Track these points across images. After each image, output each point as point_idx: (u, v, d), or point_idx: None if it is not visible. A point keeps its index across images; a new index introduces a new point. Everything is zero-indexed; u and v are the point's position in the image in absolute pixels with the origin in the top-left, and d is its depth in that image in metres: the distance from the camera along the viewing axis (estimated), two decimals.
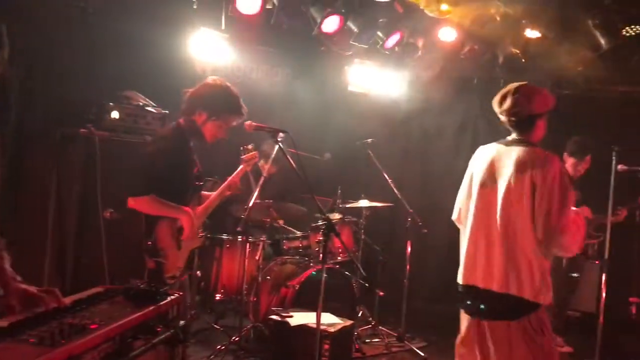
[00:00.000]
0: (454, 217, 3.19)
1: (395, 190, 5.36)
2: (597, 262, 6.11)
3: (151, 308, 2.25)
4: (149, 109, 4.36)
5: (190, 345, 4.70)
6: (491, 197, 2.91)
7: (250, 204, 4.42)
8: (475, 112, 6.37)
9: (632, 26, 5.39)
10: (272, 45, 6.04)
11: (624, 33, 5.43)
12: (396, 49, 5.92)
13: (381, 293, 5.47)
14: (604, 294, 4.48)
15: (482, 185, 2.96)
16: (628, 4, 5.27)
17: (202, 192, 3.68)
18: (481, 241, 2.92)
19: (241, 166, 3.87)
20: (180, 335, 2.38)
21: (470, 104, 6.57)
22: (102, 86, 4.39)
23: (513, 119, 2.93)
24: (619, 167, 4.60)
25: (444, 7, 5.43)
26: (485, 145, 3.10)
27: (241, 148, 3.95)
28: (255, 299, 4.81)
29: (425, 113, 6.40)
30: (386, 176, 5.40)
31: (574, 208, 2.90)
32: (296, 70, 6.36)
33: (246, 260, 4.66)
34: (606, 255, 4.53)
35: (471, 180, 3.06)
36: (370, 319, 5.47)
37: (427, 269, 6.31)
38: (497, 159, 2.95)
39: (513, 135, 2.98)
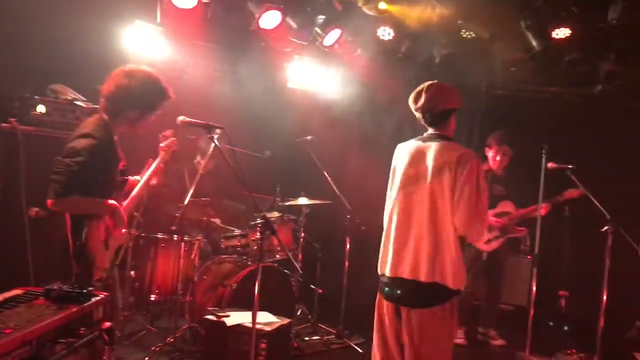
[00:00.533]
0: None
1: (335, 188, 5.36)
2: (529, 257, 6.34)
3: (73, 310, 2.15)
4: (79, 103, 4.19)
5: (125, 347, 4.58)
6: (417, 193, 3.01)
7: (186, 202, 4.31)
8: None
9: (562, 28, 5.59)
10: (210, 40, 5.91)
11: (554, 35, 5.62)
12: (336, 46, 5.93)
13: (320, 291, 5.46)
14: (534, 288, 4.62)
15: (406, 181, 3.06)
16: (557, 7, 5.45)
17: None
18: (408, 236, 3.01)
19: (161, 154, 3.74)
20: (105, 337, 2.28)
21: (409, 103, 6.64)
22: (28, 79, 4.18)
23: (428, 114, 3.07)
24: (549, 164, 4.76)
25: (382, 5, 5.48)
26: (405, 142, 3.19)
27: (160, 135, 3.84)
28: (191, 299, 4.71)
29: (364, 110, 6.42)
30: (325, 174, 5.39)
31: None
32: (235, 66, 6.24)
33: (182, 260, 4.55)
34: (536, 250, 4.68)
35: (394, 178, 3.17)
36: (310, 316, 5.45)
37: (366, 265, 6.33)
38: (417, 155, 3.06)
39: (430, 131, 3.11)
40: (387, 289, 3.13)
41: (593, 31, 5.64)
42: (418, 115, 3.12)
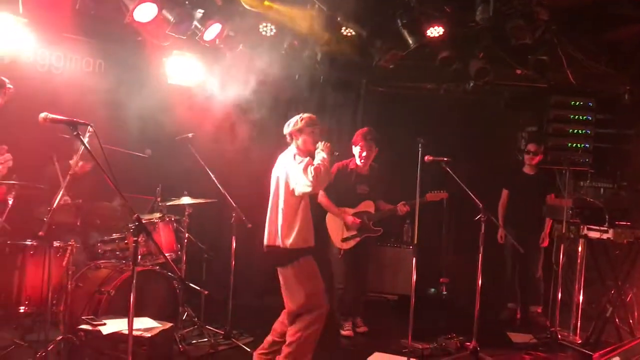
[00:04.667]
0: None
1: (219, 186, 5.25)
2: (411, 247, 6.58)
3: None
4: None
5: None
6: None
7: (54, 205, 4.02)
8: (298, 107, 6.46)
9: (435, 27, 5.84)
10: (81, 33, 5.58)
11: (429, 34, 5.85)
12: (217, 41, 5.80)
13: (205, 292, 5.33)
14: (414, 277, 4.78)
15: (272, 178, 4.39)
16: (431, 6, 5.68)
17: None
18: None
19: None
20: None
21: (293, 99, 6.67)
22: None
23: None
24: (426, 158, 4.95)
25: (267, 2, 5.43)
26: None
27: None
28: (65, 309, 4.42)
29: (249, 107, 6.34)
30: (209, 172, 5.27)
31: None
32: (110, 61, 5.94)
33: (52, 267, 4.25)
34: (415, 241, 4.85)
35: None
36: (196, 319, 5.31)
37: (253, 263, 6.29)
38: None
39: None
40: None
41: (464, 30, 5.94)
42: None
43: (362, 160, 5.61)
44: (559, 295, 5.70)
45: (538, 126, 7.45)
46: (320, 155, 4.19)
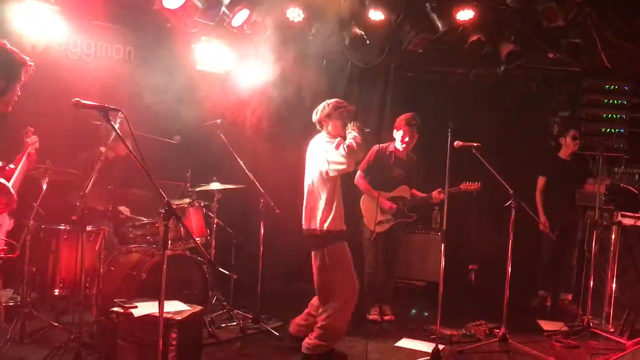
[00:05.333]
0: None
1: (247, 172, 5.28)
2: (439, 233, 6.53)
3: None
4: None
5: (26, 346, 4.36)
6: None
7: (87, 190, 4.09)
8: (326, 92, 6.44)
9: (465, 10, 5.73)
10: (111, 20, 5.64)
11: (458, 17, 5.76)
12: (245, 27, 5.80)
13: (234, 276, 5.38)
14: (442, 263, 4.74)
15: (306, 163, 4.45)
16: None
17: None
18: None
19: (28, 149, 3.83)
20: None
21: (320, 85, 6.63)
22: None
23: None
24: (455, 143, 4.87)
25: None
26: None
27: (24, 131, 3.86)
28: (97, 292, 4.51)
29: (276, 93, 6.33)
30: (237, 157, 5.30)
31: None
32: (139, 47, 6.00)
33: (85, 251, 4.33)
34: (444, 227, 4.81)
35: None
36: (225, 303, 5.38)
37: (281, 249, 6.32)
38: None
39: None
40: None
41: (494, 13, 5.83)
42: None
43: (404, 145, 5.58)
44: (591, 283, 5.60)
45: (571, 111, 7.30)
46: (352, 134, 4.25)
